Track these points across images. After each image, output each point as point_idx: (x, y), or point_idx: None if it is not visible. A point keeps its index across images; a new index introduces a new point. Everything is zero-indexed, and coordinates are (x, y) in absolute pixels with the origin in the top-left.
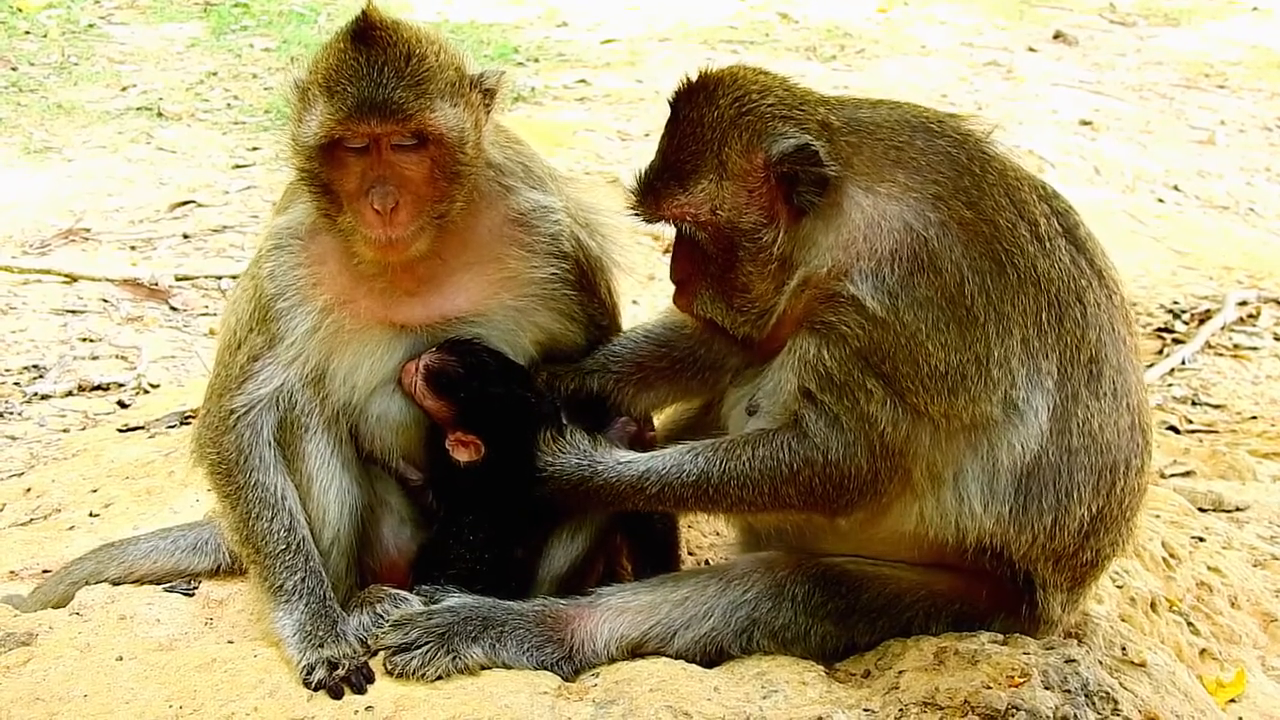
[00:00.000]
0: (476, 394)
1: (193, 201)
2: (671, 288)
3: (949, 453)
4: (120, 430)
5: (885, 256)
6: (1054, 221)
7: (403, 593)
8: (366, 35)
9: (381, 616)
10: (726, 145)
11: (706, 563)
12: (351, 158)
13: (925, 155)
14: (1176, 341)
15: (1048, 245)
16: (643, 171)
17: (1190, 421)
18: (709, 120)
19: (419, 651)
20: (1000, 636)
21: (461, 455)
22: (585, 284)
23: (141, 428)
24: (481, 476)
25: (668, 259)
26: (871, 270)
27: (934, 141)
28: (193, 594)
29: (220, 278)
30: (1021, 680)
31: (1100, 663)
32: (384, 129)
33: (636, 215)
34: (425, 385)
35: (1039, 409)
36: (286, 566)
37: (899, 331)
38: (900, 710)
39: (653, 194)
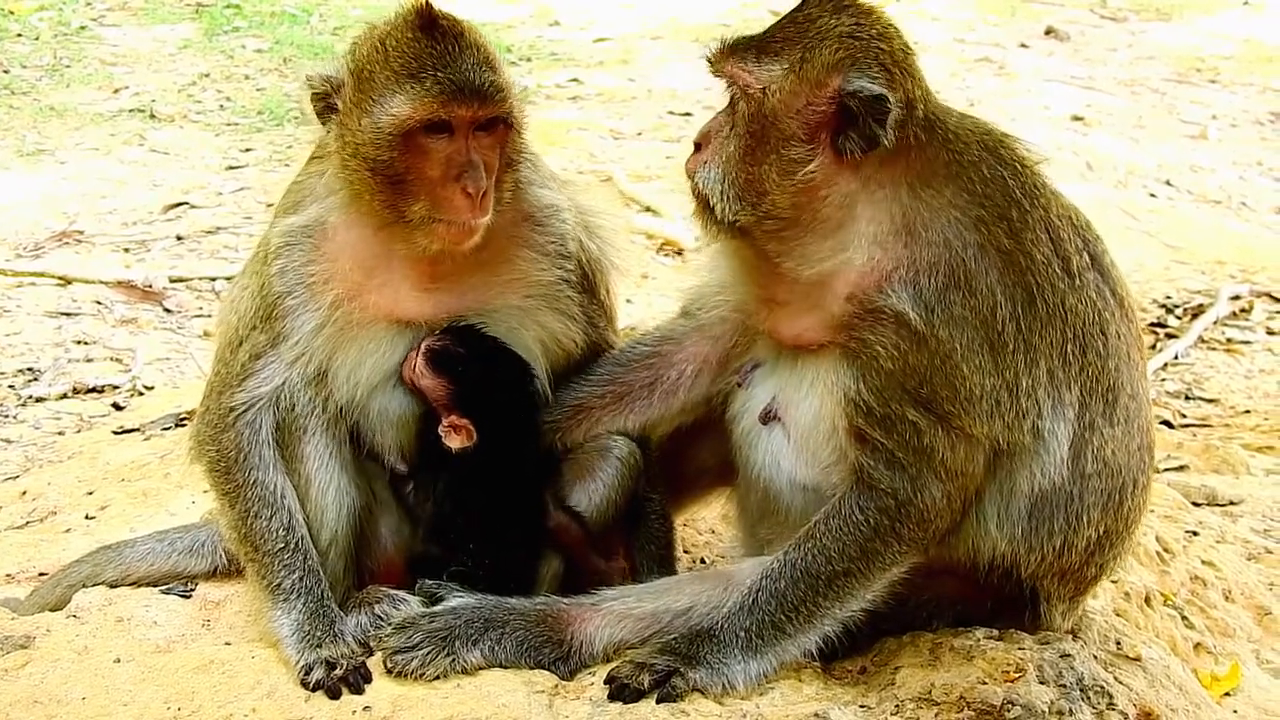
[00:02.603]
0: (474, 375)
1: (186, 203)
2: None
3: (986, 475)
4: (115, 432)
5: (924, 268)
6: (1084, 255)
7: (401, 593)
8: (434, 24)
9: (380, 618)
10: (819, 49)
11: (703, 560)
12: (433, 144)
13: (984, 180)
14: (1170, 336)
15: (1078, 281)
16: (741, 35)
17: (1184, 416)
18: (822, 24)
19: (420, 653)
20: (995, 632)
21: (454, 442)
22: (586, 285)
23: (137, 430)
24: (472, 467)
25: (661, 259)
26: (910, 280)
27: (997, 169)
28: (190, 596)
29: (214, 279)
30: (1017, 675)
31: (1095, 657)
32: (484, 111)
33: (709, 62)
34: (425, 363)
35: (1061, 439)
36: (284, 565)
37: (934, 350)
38: (896, 706)
39: (731, 51)
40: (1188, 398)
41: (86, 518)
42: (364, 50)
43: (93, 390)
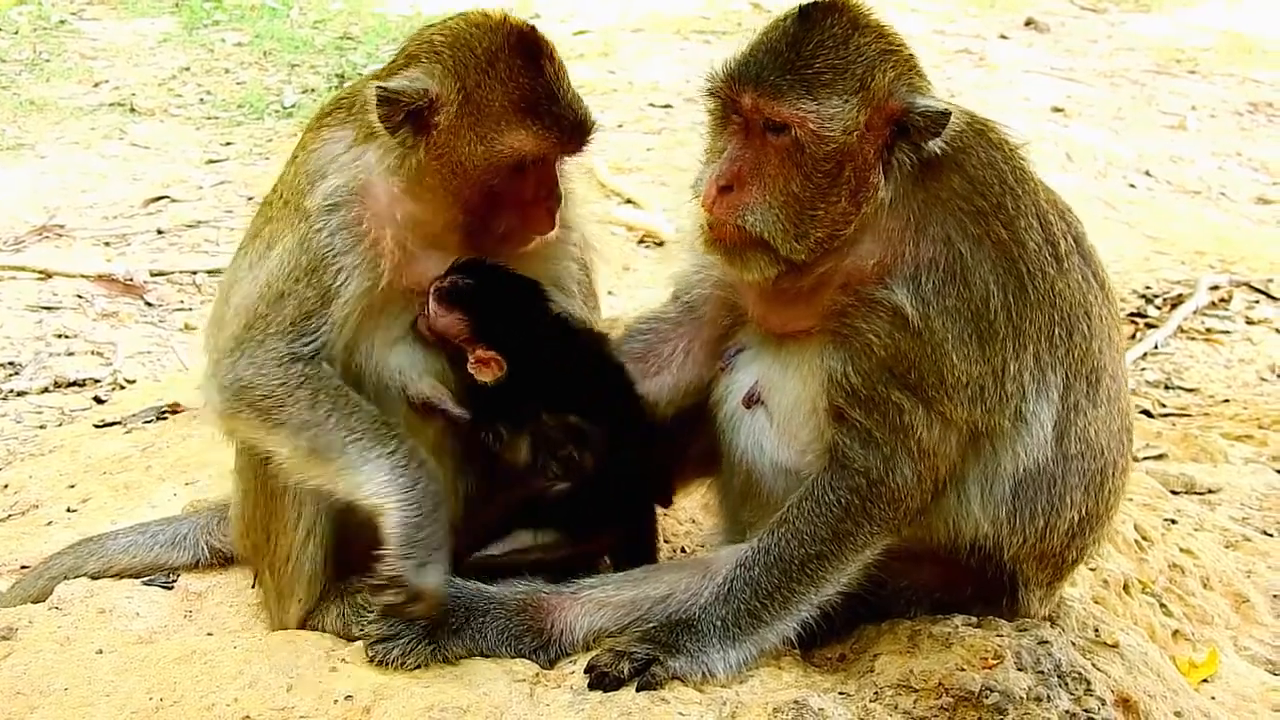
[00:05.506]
0: (489, 302)
1: (167, 197)
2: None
3: (963, 457)
4: (97, 426)
5: (924, 263)
6: (1069, 238)
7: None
8: (540, 52)
9: (362, 607)
10: (877, 71)
11: (683, 549)
12: (531, 169)
13: (981, 165)
14: (1149, 326)
15: (1065, 265)
16: (752, 62)
17: (1163, 405)
18: (856, 43)
19: (401, 642)
20: (974, 619)
21: (485, 376)
22: (583, 264)
23: (118, 423)
24: (511, 396)
25: (643, 251)
26: (910, 275)
27: (991, 153)
28: (172, 587)
29: (195, 273)
30: (995, 662)
31: (1073, 644)
32: (585, 146)
33: (725, 100)
34: (437, 303)
35: (1045, 421)
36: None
37: (926, 339)
38: (875, 693)
39: (770, 89)
40: (1167, 387)
41: (68, 511)
42: (469, 68)
43: (74, 384)
